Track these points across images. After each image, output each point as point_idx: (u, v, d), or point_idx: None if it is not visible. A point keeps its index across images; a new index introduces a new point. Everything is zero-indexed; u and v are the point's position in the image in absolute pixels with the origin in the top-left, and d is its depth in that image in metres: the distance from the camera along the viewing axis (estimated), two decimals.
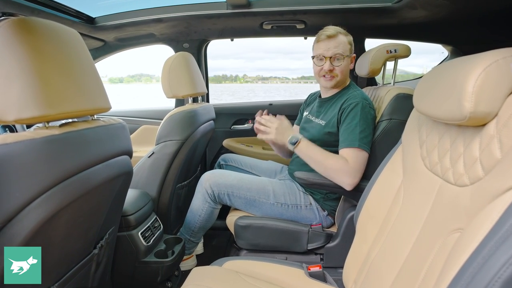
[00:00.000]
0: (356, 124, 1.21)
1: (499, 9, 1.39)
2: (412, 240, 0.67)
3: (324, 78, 1.34)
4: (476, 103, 0.51)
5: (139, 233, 1.19)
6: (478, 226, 0.46)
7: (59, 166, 0.63)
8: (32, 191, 0.58)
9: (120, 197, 0.99)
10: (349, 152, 1.20)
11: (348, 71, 1.36)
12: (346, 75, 1.36)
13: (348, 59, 1.33)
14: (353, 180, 1.18)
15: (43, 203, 0.60)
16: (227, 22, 1.75)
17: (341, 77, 1.33)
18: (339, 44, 1.30)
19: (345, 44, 1.31)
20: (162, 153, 1.40)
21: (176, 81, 1.47)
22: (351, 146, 1.20)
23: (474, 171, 0.54)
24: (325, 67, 1.31)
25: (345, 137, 1.22)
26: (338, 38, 1.30)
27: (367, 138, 1.21)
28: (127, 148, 0.89)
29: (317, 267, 0.98)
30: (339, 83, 1.35)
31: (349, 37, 1.33)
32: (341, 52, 1.29)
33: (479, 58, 0.52)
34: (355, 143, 1.19)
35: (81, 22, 1.57)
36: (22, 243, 0.60)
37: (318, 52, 1.32)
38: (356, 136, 1.20)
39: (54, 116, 0.63)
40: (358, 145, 1.19)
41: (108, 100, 0.82)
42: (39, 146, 0.59)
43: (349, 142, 1.20)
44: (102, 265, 0.98)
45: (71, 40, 0.74)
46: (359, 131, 1.20)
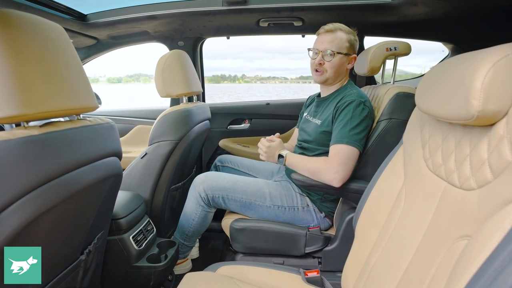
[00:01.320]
0: (347, 122, 1.18)
1: (502, 6, 1.36)
2: (414, 245, 0.63)
3: (315, 72, 1.32)
4: (484, 101, 0.47)
5: (130, 237, 1.14)
6: (488, 234, 0.43)
7: (38, 168, 0.58)
8: (7, 196, 0.54)
9: (109, 200, 0.95)
10: (336, 149, 1.18)
11: (341, 69, 1.30)
12: (338, 73, 1.31)
13: (342, 56, 1.28)
14: (334, 175, 1.14)
15: (20, 208, 0.56)
16: (223, 19, 1.71)
17: (331, 74, 1.29)
18: (335, 40, 1.27)
19: (342, 41, 1.27)
20: (155, 154, 1.36)
21: (170, 80, 1.43)
22: (338, 143, 1.17)
23: (482, 174, 0.51)
24: (316, 60, 1.29)
25: (335, 135, 1.20)
26: (336, 34, 1.27)
27: (358, 135, 1.18)
28: (116, 149, 0.85)
29: (314, 272, 0.95)
30: (329, 80, 1.31)
31: (350, 35, 1.29)
32: (334, 48, 1.26)
33: (487, 53, 0.49)
34: (343, 140, 1.17)
35: (72, 19, 1.53)
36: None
37: (314, 45, 1.31)
38: (345, 133, 1.17)
39: (33, 115, 0.59)
40: (346, 142, 1.16)
41: (94, 98, 0.78)
42: (15, 148, 0.55)
43: (337, 139, 1.18)
44: (90, 271, 0.94)
45: (54, 35, 0.69)
46: (349, 128, 1.17)
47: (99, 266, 1.02)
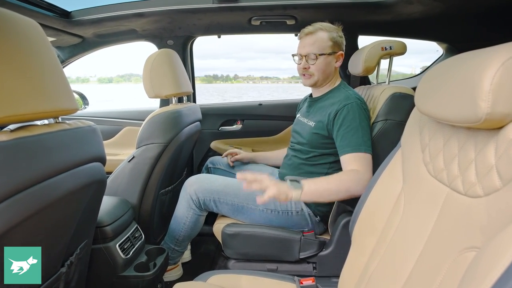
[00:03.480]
0: (357, 127, 1.14)
1: (496, 6, 1.34)
2: (415, 254, 0.60)
3: (303, 76, 1.30)
4: (493, 103, 0.44)
5: (117, 245, 1.09)
6: (501, 248, 0.39)
7: (8, 177, 0.53)
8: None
9: (92, 208, 0.90)
10: (356, 158, 1.12)
11: (329, 69, 1.27)
12: (327, 73, 1.27)
13: (326, 57, 1.24)
14: (365, 184, 1.09)
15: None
16: (214, 17, 1.66)
17: (319, 76, 1.26)
18: (316, 42, 1.23)
19: (324, 41, 1.23)
20: (143, 157, 1.31)
21: (158, 80, 1.38)
22: (357, 151, 1.12)
23: (489, 181, 0.47)
24: (301, 65, 1.27)
25: (348, 142, 1.13)
26: (316, 35, 1.23)
27: (370, 140, 1.15)
28: (98, 154, 0.80)
29: (310, 280, 0.92)
30: (318, 82, 1.28)
31: (332, 33, 1.24)
32: (316, 51, 1.23)
33: (495, 51, 0.45)
34: (361, 148, 1.12)
35: (54, 16, 1.46)
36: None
37: (297, 50, 1.28)
38: (360, 139, 1.12)
39: (1, 119, 0.53)
40: (364, 150, 1.12)
41: (74, 100, 0.73)
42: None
43: (354, 147, 1.12)
44: (73, 284, 0.88)
45: (28, 31, 0.64)
46: (362, 134, 1.13)
47: (83, 277, 0.96)
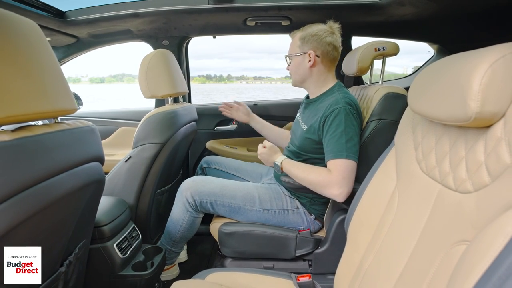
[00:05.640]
0: (341, 133, 1.13)
1: (488, 7, 1.38)
2: (409, 249, 0.62)
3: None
4: (482, 103, 0.46)
5: (114, 244, 1.09)
6: (489, 240, 0.41)
7: (9, 178, 0.53)
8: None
9: (91, 208, 0.90)
10: (335, 163, 1.12)
11: (302, 70, 1.28)
12: (301, 74, 1.30)
13: (296, 58, 1.29)
14: (339, 190, 1.10)
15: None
16: (209, 18, 1.67)
17: (295, 77, 1.33)
18: (291, 44, 1.32)
19: (295, 42, 1.29)
20: (140, 157, 1.31)
21: (154, 80, 1.38)
22: (337, 157, 1.12)
23: (479, 177, 0.49)
24: (286, 67, 1.37)
25: (331, 148, 1.14)
26: (293, 38, 1.31)
27: (355, 147, 1.13)
28: (97, 154, 0.81)
29: (306, 277, 0.93)
30: (297, 82, 1.35)
31: (305, 32, 1.25)
32: (288, 53, 1.32)
33: (484, 53, 0.48)
34: (342, 154, 1.11)
35: (49, 16, 1.45)
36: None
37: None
38: (342, 146, 1.12)
39: (3, 119, 0.53)
40: (345, 156, 1.11)
41: (73, 100, 0.73)
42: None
43: (336, 153, 1.12)
44: (71, 283, 0.89)
45: (27, 31, 0.64)
46: (345, 140, 1.12)
47: (81, 277, 0.96)
